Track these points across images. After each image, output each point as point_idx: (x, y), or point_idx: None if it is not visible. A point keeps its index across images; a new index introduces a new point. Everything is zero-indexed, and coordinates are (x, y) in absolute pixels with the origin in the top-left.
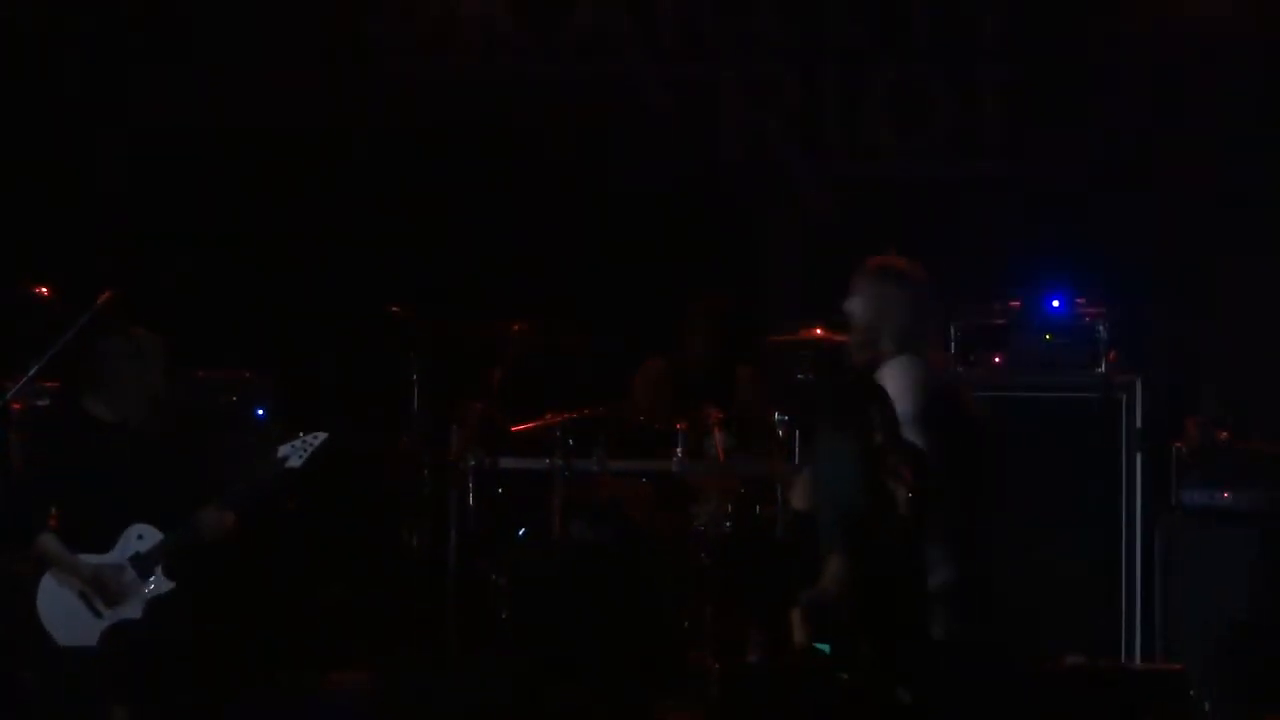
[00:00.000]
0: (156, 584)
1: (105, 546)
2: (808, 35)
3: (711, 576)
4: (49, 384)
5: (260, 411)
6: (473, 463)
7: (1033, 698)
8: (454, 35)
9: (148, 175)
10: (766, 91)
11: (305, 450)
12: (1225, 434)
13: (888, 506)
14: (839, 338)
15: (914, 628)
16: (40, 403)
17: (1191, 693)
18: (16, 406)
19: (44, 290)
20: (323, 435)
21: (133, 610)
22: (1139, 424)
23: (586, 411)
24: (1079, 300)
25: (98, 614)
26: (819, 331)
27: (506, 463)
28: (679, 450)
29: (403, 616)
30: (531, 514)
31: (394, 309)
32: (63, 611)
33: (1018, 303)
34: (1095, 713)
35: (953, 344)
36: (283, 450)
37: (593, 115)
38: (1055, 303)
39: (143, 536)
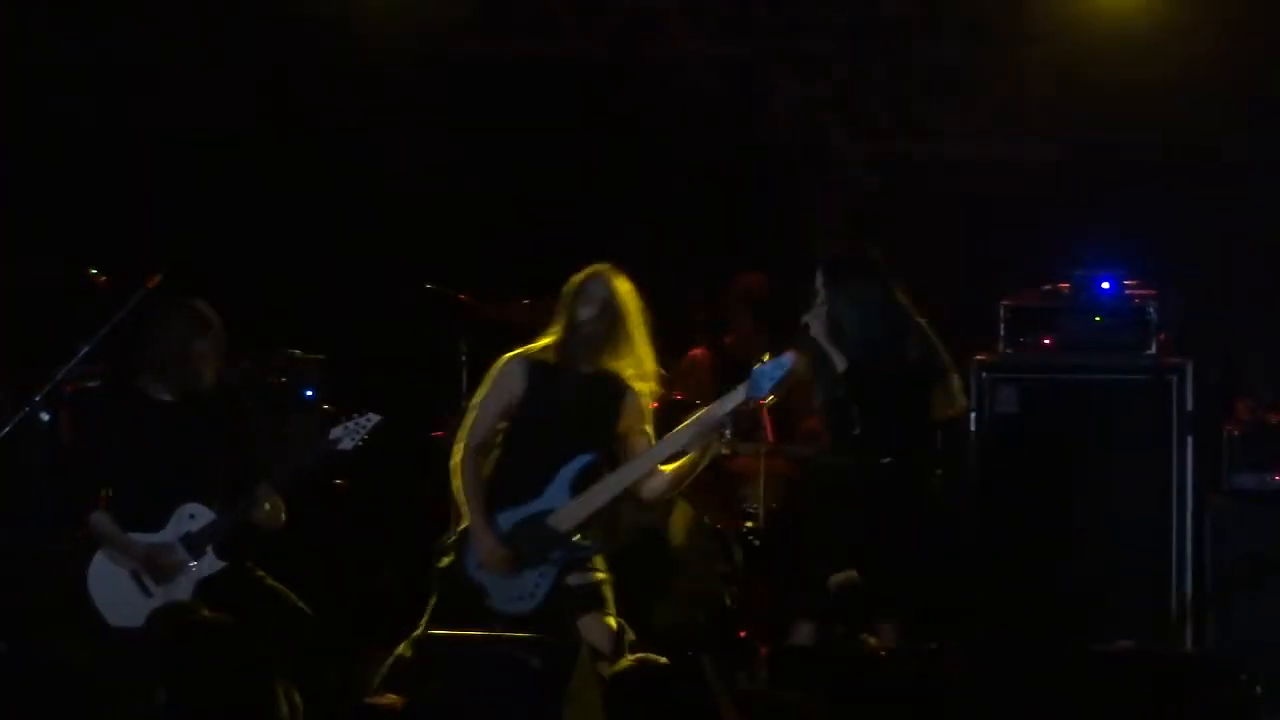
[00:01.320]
0: (207, 564)
1: (157, 526)
2: (854, 12)
3: (760, 559)
4: (100, 366)
5: (309, 392)
6: None
7: (1083, 682)
8: (502, 16)
9: (194, 157)
10: (812, 69)
11: (357, 432)
12: (1277, 416)
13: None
14: None
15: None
16: (91, 384)
17: (1243, 677)
18: (68, 388)
19: (94, 273)
20: (375, 417)
21: (182, 590)
22: (1189, 406)
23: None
24: (1129, 282)
25: (148, 593)
26: None
27: None
28: (728, 433)
29: None
30: None
31: (442, 290)
32: (113, 590)
33: (1067, 285)
34: (1146, 697)
35: (1001, 326)
36: (334, 432)
37: (637, 95)
38: (1105, 285)
39: (194, 516)
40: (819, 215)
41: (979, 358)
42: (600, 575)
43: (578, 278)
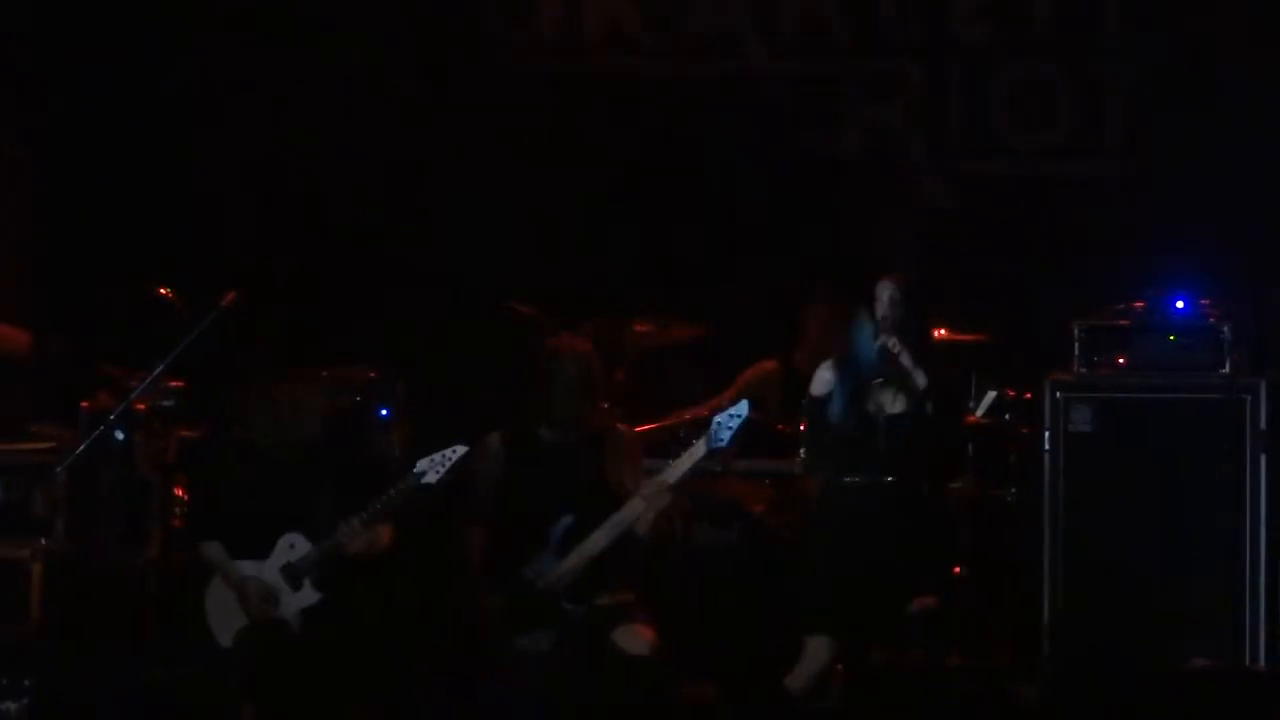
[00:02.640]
0: (305, 595)
1: (264, 554)
2: (932, 31)
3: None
4: (174, 384)
5: (384, 411)
6: None
7: (1156, 700)
8: (577, 33)
9: (268, 173)
10: (889, 87)
11: (443, 466)
12: None
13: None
14: (964, 337)
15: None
16: (165, 403)
17: None
18: (141, 407)
19: (167, 291)
20: (461, 449)
21: (282, 618)
22: (1263, 425)
23: (707, 412)
24: (1203, 301)
25: (252, 620)
26: (942, 332)
27: None
28: (802, 451)
29: None
30: None
31: (518, 308)
32: (225, 615)
33: (1142, 304)
34: (1220, 716)
35: (1076, 345)
36: (421, 465)
37: (713, 112)
38: (1179, 304)
39: (294, 546)
40: (894, 234)
41: (1054, 377)
42: (629, 596)
43: (553, 343)
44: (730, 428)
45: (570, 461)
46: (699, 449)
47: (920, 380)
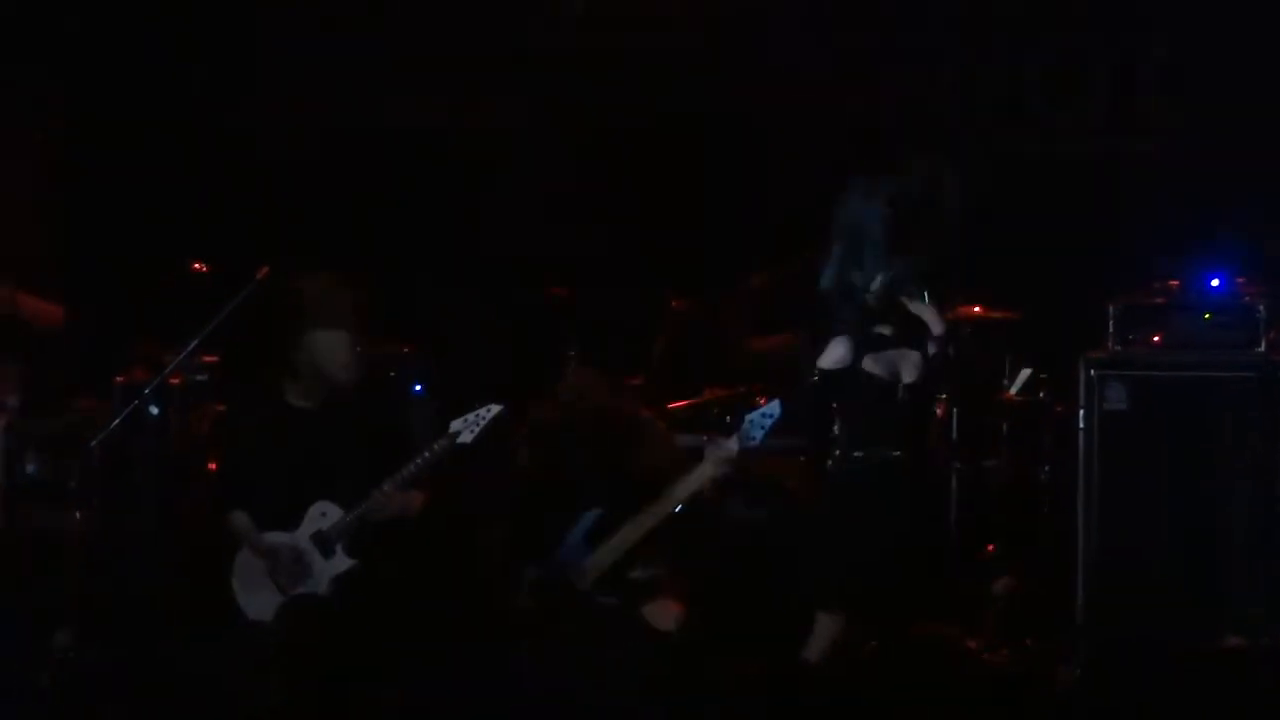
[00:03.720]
0: (337, 562)
1: (293, 523)
2: (968, 6)
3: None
4: (208, 359)
5: (418, 387)
6: None
7: (1191, 680)
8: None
9: (305, 152)
10: (925, 63)
11: (478, 425)
12: None
13: None
14: (999, 314)
15: None
16: (199, 378)
17: None
18: (175, 382)
19: (201, 266)
20: (495, 408)
21: (315, 587)
22: None
23: (743, 390)
24: (1239, 279)
25: (282, 591)
26: (977, 309)
27: None
28: (835, 428)
29: None
30: None
31: (553, 290)
32: (253, 587)
33: (1177, 282)
34: (1254, 694)
35: (1111, 323)
36: (455, 425)
37: (749, 88)
38: (1215, 282)
39: (325, 514)
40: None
41: (1089, 355)
42: (662, 568)
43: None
44: (763, 426)
45: (597, 452)
46: (729, 445)
47: (936, 327)
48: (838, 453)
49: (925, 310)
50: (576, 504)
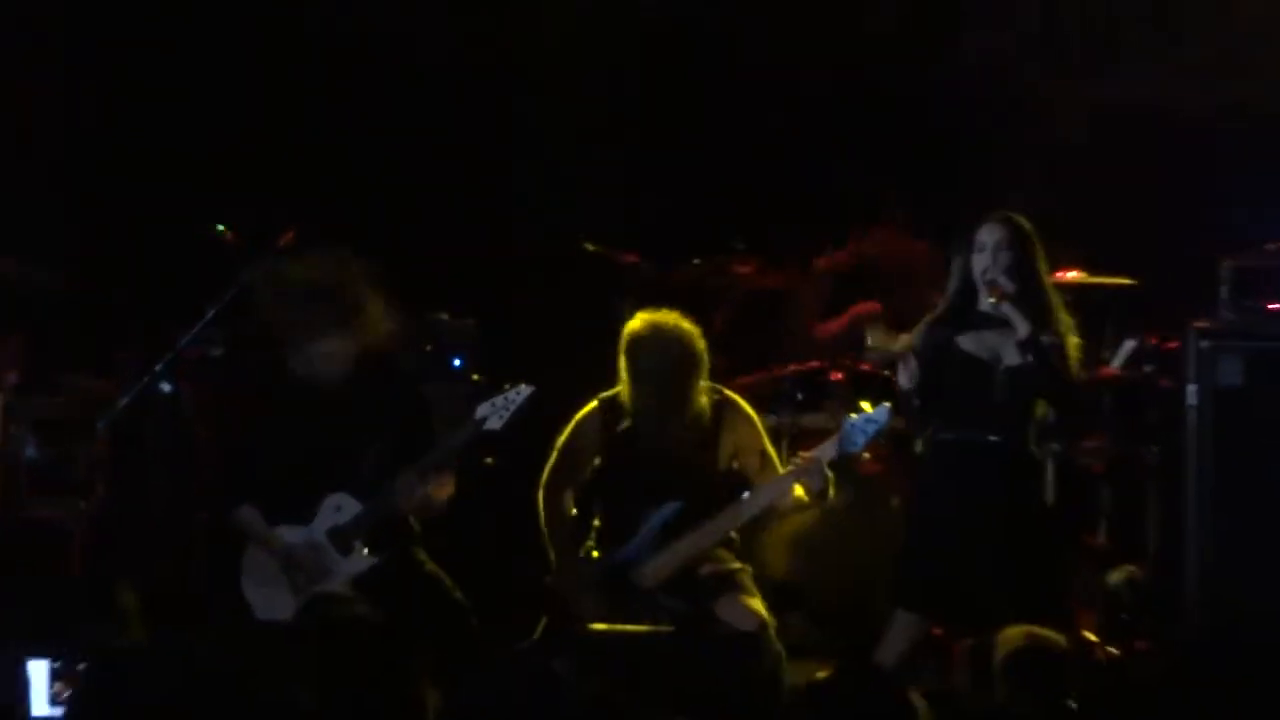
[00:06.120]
0: (356, 560)
1: (307, 517)
2: None
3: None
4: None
5: (457, 361)
6: None
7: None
8: None
9: (338, 116)
10: (1011, 9)
11: (506, 409)
12: None
13: None
14: (1100, 280)
15: None
16: (215, 352)
17: None
18: (190, 356)
19: (227, 232)
20: (526, 390)
21: (334, 585)
22: None
23: (818, 364)
24: None
25: (296, 589)
26: (1073, 274)
27: None
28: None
29: None
30: None
31: (603, 251)
32: (263, 585)
33: None
34: None
35: (1223, 288)
36: (481, 410)
37: (819, 39)
38: None
39: (341, 508)
40: (1019, 168)
41: (1197, 325)
42: (734, 565)
43: (632, 330)
44: (866, 433)
45: (680, 445)
46: (829, 450)
47: (1022, 328)
48: (926, 433)
49: (1012, 312)
50: (653, 494)
